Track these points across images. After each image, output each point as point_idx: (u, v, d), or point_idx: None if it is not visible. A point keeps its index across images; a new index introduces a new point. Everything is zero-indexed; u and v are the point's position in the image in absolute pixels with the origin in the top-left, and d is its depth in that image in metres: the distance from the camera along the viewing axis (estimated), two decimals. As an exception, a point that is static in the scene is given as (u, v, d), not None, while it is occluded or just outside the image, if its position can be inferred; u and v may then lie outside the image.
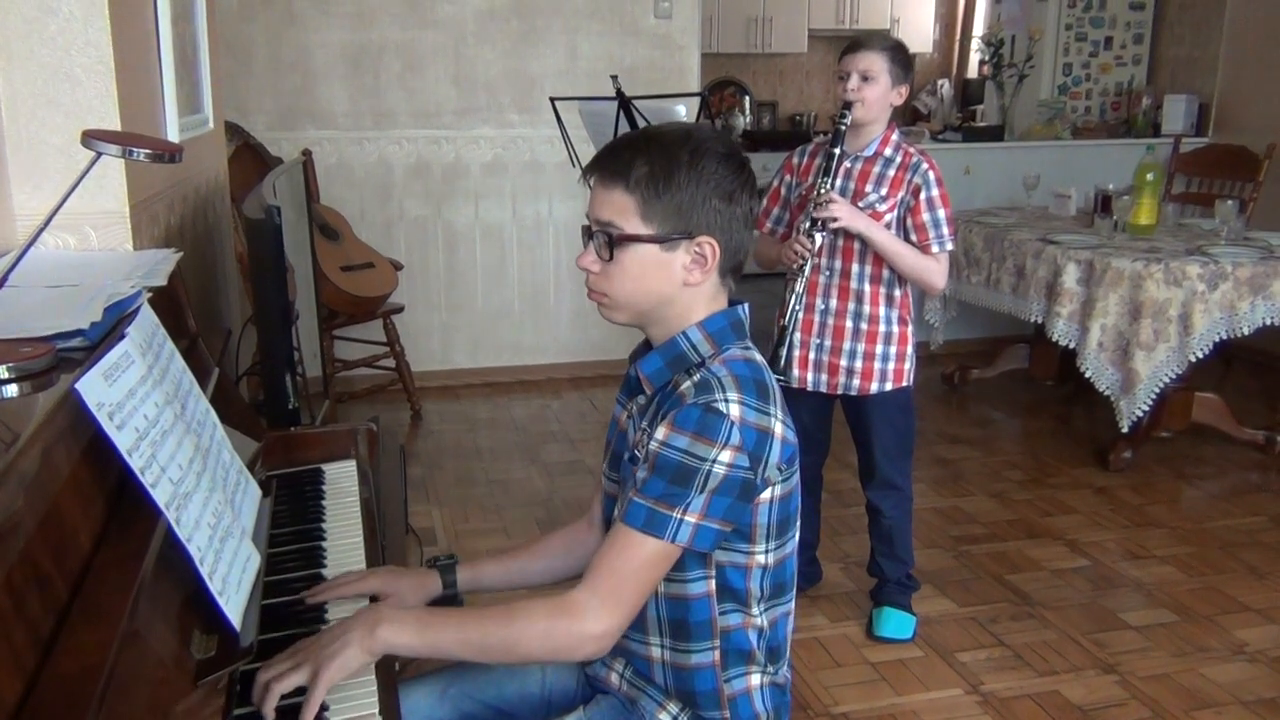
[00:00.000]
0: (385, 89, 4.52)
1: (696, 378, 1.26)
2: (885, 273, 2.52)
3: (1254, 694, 2.44)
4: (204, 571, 1.08)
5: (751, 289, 1.42)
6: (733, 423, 1.21)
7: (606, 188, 1.28)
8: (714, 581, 1.30)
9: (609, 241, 1.27)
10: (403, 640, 1.18)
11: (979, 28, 7.56)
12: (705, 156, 1.26)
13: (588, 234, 1.31)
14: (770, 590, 1.34)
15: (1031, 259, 3.90)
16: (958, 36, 8.02)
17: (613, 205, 1.27)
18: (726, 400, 1.22)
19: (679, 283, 1.29)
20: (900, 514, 2.68)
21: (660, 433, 1.23)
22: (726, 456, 1.21)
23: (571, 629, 1.21)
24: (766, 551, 1.31)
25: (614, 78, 3.07)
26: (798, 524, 1.36)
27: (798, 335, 2.55)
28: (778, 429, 1.26)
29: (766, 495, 1.28)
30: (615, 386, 1.49)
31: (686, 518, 1.21)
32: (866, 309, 2.53)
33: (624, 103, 2.99)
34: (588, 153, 3.28)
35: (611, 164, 1.28)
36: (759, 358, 1.32)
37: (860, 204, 2.48)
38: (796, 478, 1.32)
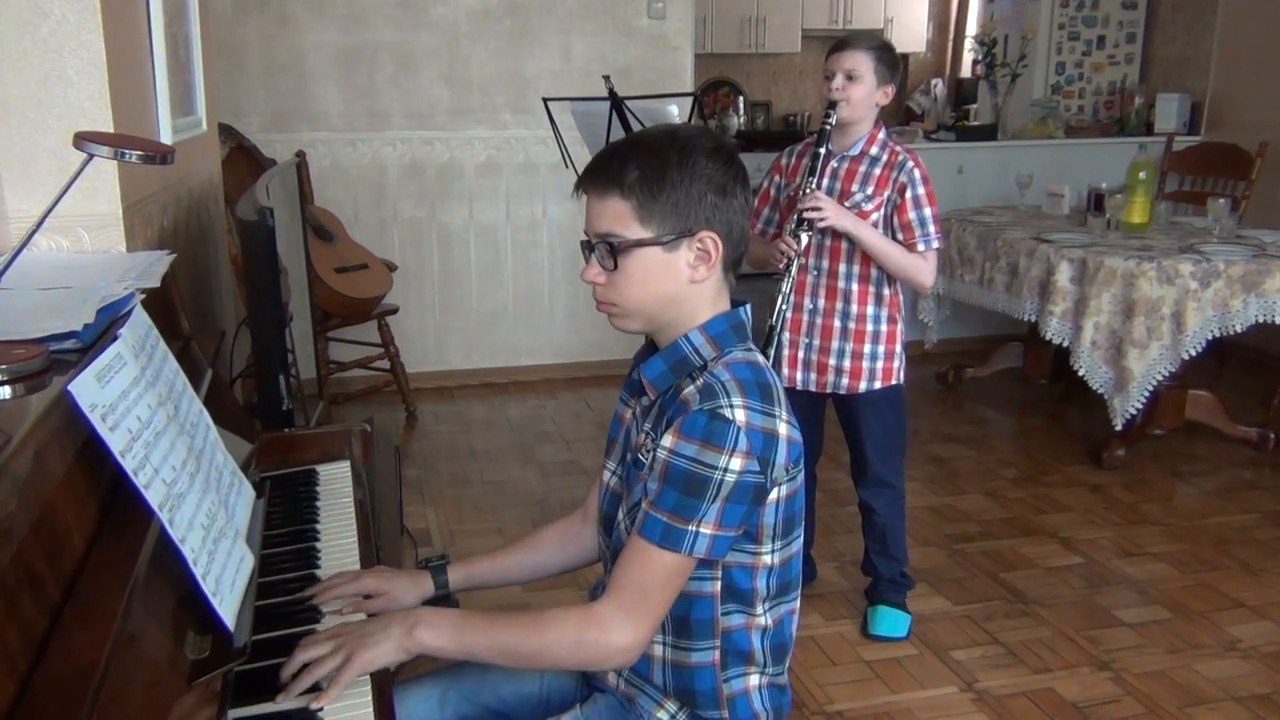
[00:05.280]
0: (379, 90, 4.52)
1: (700, 382, 1.26)
2: (873, 272, 2.52)
3: (1247, 690, 2.45)
4: (197, 573, 1.08)
5: (745, 289, 1.42)
6: (739, 429, 1.21)
7: (601, 198, 1.28)
8: (719, 583, 1.30)
9: (611, 251, 1.27)
10: (439, 643, 1.23)
11: (972, 27, 7.57)
12: (694, 153, 1.26)
13: (588, 248, 1.31)
14: (776, 589, 1.34)
15: (1025, 258, 3.91)
16: (951, 36, 8.03)
17: (610, 214, 1.27)
18: (732, 406, 1.21)
19: (685, 281, 1.29)
20: (893, 512, 2.69)
21: (667, 441, 1.23)
22: (736, 464, 1.21)
23: (600, 640, 1.23)
24: (773, 551, 1.32)
25: (606, 78, 3.07)
26: (803, 522, 1.37)
27: (786, 335, 2.56)
28: (783, 430, 1.26)
29: (773, 496, 1.28)
30: (610, 387, 1.50)
31: (702, 529, 1.22)
32: (854, 308, 2.54)
33: (616, 103, 2.99)
34: (581, 153, 3.32)
35: (603, 174, 1.28)
36: (761, 359, 1.32)
37: (846, 203, 2.48)
38: (801, 477, 1.33)
